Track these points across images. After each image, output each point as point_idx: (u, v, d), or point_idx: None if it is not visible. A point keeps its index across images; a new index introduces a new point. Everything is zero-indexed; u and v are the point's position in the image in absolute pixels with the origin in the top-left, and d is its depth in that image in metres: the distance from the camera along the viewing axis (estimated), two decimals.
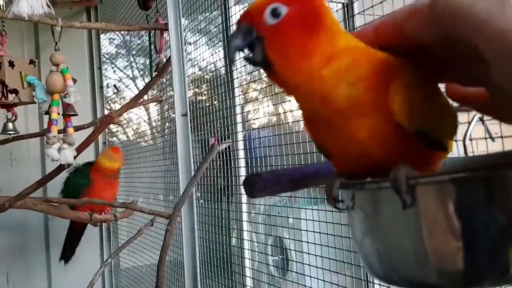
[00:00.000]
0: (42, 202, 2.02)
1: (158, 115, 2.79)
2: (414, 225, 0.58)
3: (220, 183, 2.21)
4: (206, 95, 2.51)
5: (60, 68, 1.68)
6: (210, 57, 2.35)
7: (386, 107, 0.47)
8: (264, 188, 0.79)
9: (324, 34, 0.49)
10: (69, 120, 1.73)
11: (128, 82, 4.58)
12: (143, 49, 2.85)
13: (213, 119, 2.14)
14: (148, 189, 2.66)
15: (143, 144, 3.09)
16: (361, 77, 0.47)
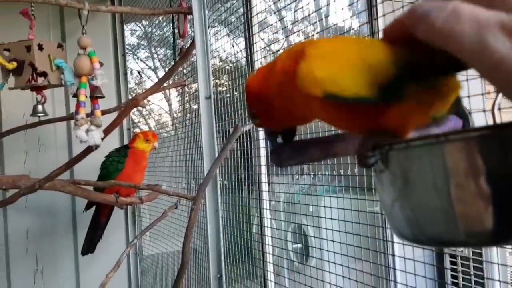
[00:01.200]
0: (70, 184, 2.07)
1: (179, 106, 2.82)
2: (443, 184, 0.58)
3: (241, 172, 2.23)
4: (226, 86, 2.52)
5: (87, 51, 1.71)
6: (231, 48, 2.36)
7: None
8: (291, 157, 0.81)
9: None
10: (96, 103, 1.77)
11: (150, 73, 4.63)
12: (164, 40, 2.88)
13: (234, 110, 2.15)
14: (171, 176, 2.69)
15: (165, 134, 3.13)
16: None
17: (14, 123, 2.32)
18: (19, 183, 1.86)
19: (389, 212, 0.66)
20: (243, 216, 2.14)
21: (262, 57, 2.14)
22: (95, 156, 2.07)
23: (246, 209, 2.15)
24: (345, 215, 1.51)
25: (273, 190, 2.14)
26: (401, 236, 0.68)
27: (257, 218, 2.22)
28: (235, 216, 2.16)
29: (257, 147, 2.14)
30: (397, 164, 0.64)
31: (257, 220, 2.20)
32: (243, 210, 2.13)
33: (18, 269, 2.61)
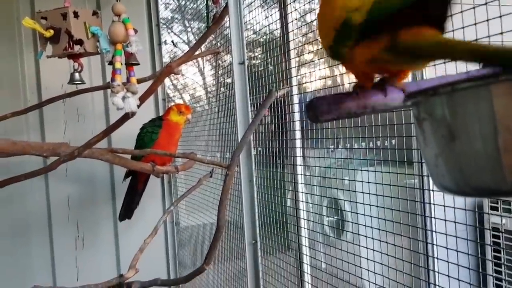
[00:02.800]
0: (108, 153, 2.10)
1: (213, 79, 2.81)
2: (489, 130, 0.55)
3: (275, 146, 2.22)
4: (260, 58, 2.49)
5: (122, 18, 1.70)
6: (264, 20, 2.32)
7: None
8: (328, 111, 0.78)
9: None
10: (132, 70, 1.77)
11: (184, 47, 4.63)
12: (198, 13, 2.86)
13: (268, 83, 2.13)
14: (205, 149, 2.71)
15: (199, 109, 3.14)
16: None
17: (52, 93, 2.37)
18: (59, 151, 1.91)
19: (433, 164, 0.63)
20: (277, 190, 2.13)
21: (297, 28, 2.09)
22: (132, 125, 2.10)
23: (280, 183, 2.14)
24: (383, 189, 1.47)
25: (307, 163, 2.11)
26: (444, 188, 0.65)
27: (292, 192, 2.21)
28: (269, 190, 2.16)
29: (291, 120, 2.12)
30: (440, 110, 0.60)
31: (292, 194, 2.19)
32: (277, 184, 2.12)
33: (60, 236, 2.71)
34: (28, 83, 2.65)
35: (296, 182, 2.23)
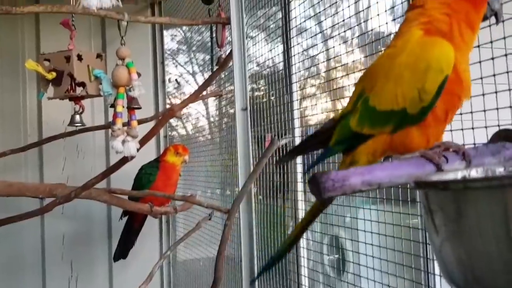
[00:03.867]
0: (105, 193, 2.07)
1: (216, 110, 2.80)
2: (504, 230, 0.52)
3: (276, 179, 2.19)
4: (263, 90, 2.49)
5: (126, 62, 1.70)
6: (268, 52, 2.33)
7: None
8: (332, 188, 0.75)
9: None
10: (133, 113, 1.75)
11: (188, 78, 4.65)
12: (204, 45, 2.87)
13: (270, 115, 2.12)
14: (206, 183, 2.67)
15: (202, 139, 3.12)
16: None
17: (53, 130, 2.36)
18: (55, 192, 1.88)
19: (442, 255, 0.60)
20: (277, 226, 2.10)
21: (299, 61, 2.10)
22: (132, 164, 2.07)
23: (281, 218, 2.10)
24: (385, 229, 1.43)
25: (308, 199, 2.08)
26: (452, 282, 0.61)
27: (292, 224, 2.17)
28: (269, 225, 2.12)
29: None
30: (451, 206, 0.57)
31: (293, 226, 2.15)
32: (278, 220, 2.08)
33: (53, 275, 2.64)
34: (30, 118, 2.64)
35: (297, 217, 2.19)
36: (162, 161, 2.31)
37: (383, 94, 0.89)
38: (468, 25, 0.85)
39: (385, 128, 0.89)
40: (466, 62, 0.86)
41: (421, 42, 0.85)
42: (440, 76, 0.82)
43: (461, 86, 0.85)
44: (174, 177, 2.34)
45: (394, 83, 0.87)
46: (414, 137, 0.87)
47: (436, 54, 0.83)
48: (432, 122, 0.86)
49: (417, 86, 0.84)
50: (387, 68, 0.89)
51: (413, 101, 0.84)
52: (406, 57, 0.86)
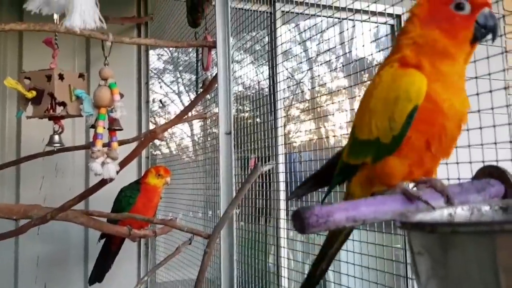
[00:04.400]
0: (83, 215, 2.02)
1: (201, 131, 2.78)
2: (492, 276, 0.50)
3: (259, 204, 2.17)
4: (249, 112, 2.48)
5: (108, 83, 1.68)
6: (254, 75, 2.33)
7: None
8: (316, 224, 0.73)
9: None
10: (114, 135, 1.72)
11: (174, 97, 4.64)
12: (190, 66, 2.87)
13: (255, 137, 2.11)
14: (188, 204, 2.63)
15: (185, 158, 3.09)
16: None
17: (32, 148, 2.30)
18: (30, 213, 1.82)
19: None
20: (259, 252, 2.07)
21: (285, 86, 2.10)
22: (111, 185, 2.03)
23: (263, 238, 2.07)
24: (368, 249, 1.42)
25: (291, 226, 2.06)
26: None
27: (274, 248, 2.14)
28: (251, 250, 2.09)
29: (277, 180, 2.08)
30: (438, 249, 0.55)
31: (274, 250, 2.12)
32: (260, 246, 2.05)
33: None
34: (8, 136, 2.58)
35: (279, 236, 2.16)
36: (143, 183, 2.27)
37: (362, 124, 0.92)
38: (443, 55, 0.85)
39: (367, 158, 0.91)
40: (450, 92, 0.85)
41: (394, 74, 0.87)
42: (408, 105, 0.83)
43: (443, 116, 0.84)
44: (155, 199, 2.30)
45: (370, 113, 0.89)
46: (394, 166, 0.87)
47: (405, 84, 0.83)
48: (410, 152, 0.86)
49: (388, 115, 0.85)
50: (366, 100, 0.91)
51: (385, 131, 0.86)
52: (380, 88, 0.88)
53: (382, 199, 0.79)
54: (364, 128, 0.91)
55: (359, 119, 0.93)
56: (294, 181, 2.08)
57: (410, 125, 0.83)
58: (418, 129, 0.84)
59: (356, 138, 0.93)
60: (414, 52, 0.87)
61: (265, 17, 2.43)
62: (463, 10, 0.85)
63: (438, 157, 0.90)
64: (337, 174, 0.99)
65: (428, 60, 0.85)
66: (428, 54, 0.86)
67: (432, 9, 0.87)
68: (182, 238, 2.27)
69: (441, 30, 0.85)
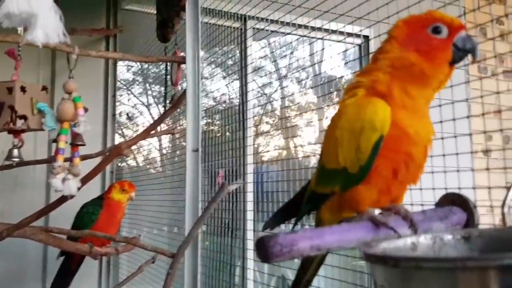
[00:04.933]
0: (41, 232, 1.94)
1: (170, 145, 2.74)
2: None
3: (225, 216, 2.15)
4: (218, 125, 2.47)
5: (72, 97, 1.64)
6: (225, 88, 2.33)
7: None
8: (280, 253, 0.71)
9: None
10: (76, 150, 1.67)
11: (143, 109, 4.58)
12: (160, 77, 2.83)
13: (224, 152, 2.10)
14: (153, 222, 2.58)
15: (153, 172, 3.03)
16: None
17: None
18: None
19: None
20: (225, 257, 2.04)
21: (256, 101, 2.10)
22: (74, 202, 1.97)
23: (229, 257, 2.05)
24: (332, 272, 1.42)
25: None
26: None
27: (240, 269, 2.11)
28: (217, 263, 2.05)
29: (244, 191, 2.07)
30: (400, 283, 0.55)
31: (240, 271, 2.09)
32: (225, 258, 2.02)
33: None
34: None
35: (246, 257, 2.13)
36: (106, 198, 2.21)
37: (329, 154, 0.91)
38: (418, 79, 0.86)
39: (335, 187, 0.90)
40: (415, 118, 0.86)
41: (359, 103, 0.87)
42: (373, 135, 0.83)
43: (409, 143, 0.84)
44: (118, 215, 2.24)
45: (336, 144, 0.88)
46: (362, 194, 0.87)
47: (369, 114, 0.83)
48: (377, 180, 0.86)
49: (354, 146, 0.85)
50: (332, 129, 0.91)
51: (352, 161, 0.85)
52: (346, 119, 0.88)
53: (347, 226, 0.78)
54: (331, 158, 0.90)
55: (326, 148, 0.93)
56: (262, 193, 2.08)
57: (376, 155, 0.83)
58: (385, 157, 0.84)
59: (324, 168, 0.93)
60: (389, 75, 0.87)
61: (238, 33, 2.44)
62: (441, 34, 0.86)
63: (406, 184, 0.90)
64: (306, 203, 0.98)
65: (400, 84, 0.86)
66: (401, 78, 0.86)
67: (410, 32, 0.88)
68: (146, 256, 2.21)
69: (419, 53, 0.86)
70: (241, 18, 2.35)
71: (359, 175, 0.85)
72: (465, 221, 0.86)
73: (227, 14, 2.18)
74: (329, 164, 0.91)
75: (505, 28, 2.72)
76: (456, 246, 0.71)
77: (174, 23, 1.82)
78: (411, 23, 0.89)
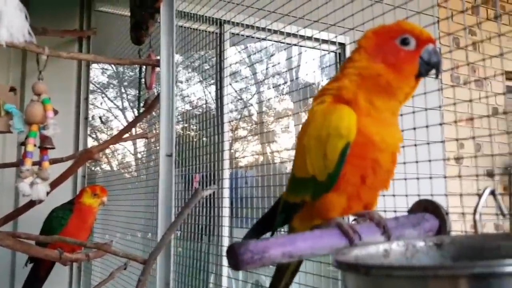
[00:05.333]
0: (9, 237, 1.88)
1: (145, 149, 2.70)
2: None
3: (201, 223, 2.12)
4: (195, 130, 2.44)
5: (42, 98, 1.60)
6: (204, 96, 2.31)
7: None
8: (251, 261, 0.70)
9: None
10: (45, 153, 1.63)
11: (118, 113, 4.52)
12: (135, 81, 2.80)
13: (201, 157, 2.08)
14: (127, 225, 2.53)
15: (127, 175, 2.98)
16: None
17: None
18: None
19: None
20: (199, 272, 2.01)
21: (233, 106, 2.09)
22: (45, 206, 1.91)
23: (203, 264, 2.02)
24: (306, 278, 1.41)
25: None
26: None
27: (214, 276, 2.08)
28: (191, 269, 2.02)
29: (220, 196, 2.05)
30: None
31: (214, 278, 2.07)
32: (200, 265, 2.00)
33: None
34: None
35: (221, 264, 2.10)
36: (77, 203, 2.16)
37: (298, 162, 0.90)
38: (384, 90, 0.85)
39: (306, 196, 0.89)
40: (381, 126, 0.85)
41: (325, 110, 0.86)
42: (340, 142, 0.82)
43: (375, 150, 0.84)
44: (89, 220, 2.18)
45: (304, 152, 0.87)
46: (332, 202, 0.86)
47: (335, 121, 0.83)
48: (346, 188, 0.85)
49: (321, 153, 0.84)
50: (301, 137, 0.90)
51: (320, 169, 0.85)
52: (313, 126, 0.87)
53: (319, 233, 0.77)
54: (300, 167, 0.89)
55: (296, 157, 0.92)
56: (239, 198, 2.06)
57: (344, 162, 0.82)
58: (352, 164, 0.83)
59: (294, 176, 0.92)
60: (355, 83, 0.86)
61: (214, 37, 2.42)
62: (408, 46, 0.85)
63: (376, 189, 0.89)
64: (280, 213, 0.97)
65: (365, 94, 0.85)
66: (367, 88, 0.85)
67: (379, 43, 0.87)
68: (120, 262, 2.16)
69: (386, 64, 0.85)
70: (217, 22, 2.34)
71: (327, 183, 0.84)
72: (438, 228, 0.86)
73: (203, 18, 2.16)
74: (298, 173, 0.90)
75: (477, 38, 2.78)
76: (429, 253, 0.71)
77: (148, 26, 1.80)
78: (380, 34, 0.88)
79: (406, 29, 0.86)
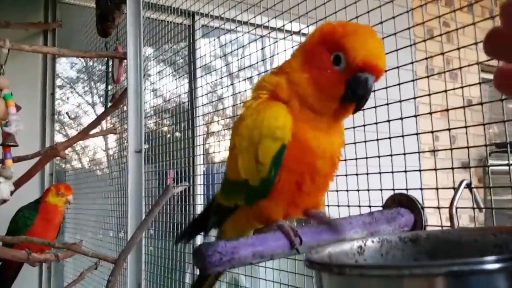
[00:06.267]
0: None
1: (116, 144, 2.63)
2: None
3: (175, 220, 2.08)
4: (168, 125, 2.39)
5: (3, 94, 1.53)
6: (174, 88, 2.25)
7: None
8: (219, 263, 0.66)
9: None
10: (8, 151, 1.57)
11: (88, 108, 4.41)
12: (105, 76, 2.71)
13: (174, 152, 2.03)
14: (98, 224, 2.47)
15: (98, 173, 2.90)
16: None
17: None
18: None
19: None
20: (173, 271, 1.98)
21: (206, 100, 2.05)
22: (11, 206, 1.84)
23: (177, 263, 1.99)
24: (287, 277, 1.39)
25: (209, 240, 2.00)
26: None
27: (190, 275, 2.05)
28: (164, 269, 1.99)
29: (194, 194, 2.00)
30: None
31: (190, 278, 2.04)
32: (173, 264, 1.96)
33: None
34: None
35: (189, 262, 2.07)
36: (43, 202, 2.09)
37: (230, 163, 0.81)
38: (307, 102, 0.75)
39: (239, 200, 0.80)
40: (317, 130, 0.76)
41: (259, 107, 0.76)
42: (274, 145, 0.73)
43: (311, 154, 0.75)
44: (55, 220, 2.12)
45: (235, 151, 0.78)
46: (270, 209, 0.78)
47: (268, 121, 0.73)
48: (283, 195, 0.76)
49: (253, 156, 0.74)
50: (234, 135, 0.80)
51: (252, 173, 0.75)
52: (245, 124, 0.77)
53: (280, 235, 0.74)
54: (233, 168, 0.79)
55: (228, 157, 0.83)
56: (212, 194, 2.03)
57: (279, 167, 0.73)
58: (288, 170, 0.74)
59: (227, 178, 0.83)
60: (289, 85, 0.76)
61: (183, 28, 2.36)
62: (339, 65, 0.72)
63: (314, 195, 0.81)
64: (212, 215, 0.88)
65: (298, 99, 0.75)
66: (298, 94, 0.75)
67: (315, 50, 0.75)
68: (92, 262, 2.11)
69: (312, 77, 0.74)
70: (189, 14, 2.28)
71: (261, 189, 0.75)
72: (413, 223, 0.84)
73: (173, 9, 2.10)
74: (230, 175, 0.81)
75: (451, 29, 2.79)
76: (404, 249, 0.70)
77: (114, 17, 1.73)
78: (323, 38, 0.75)
79: (346, 46, 0.71)
